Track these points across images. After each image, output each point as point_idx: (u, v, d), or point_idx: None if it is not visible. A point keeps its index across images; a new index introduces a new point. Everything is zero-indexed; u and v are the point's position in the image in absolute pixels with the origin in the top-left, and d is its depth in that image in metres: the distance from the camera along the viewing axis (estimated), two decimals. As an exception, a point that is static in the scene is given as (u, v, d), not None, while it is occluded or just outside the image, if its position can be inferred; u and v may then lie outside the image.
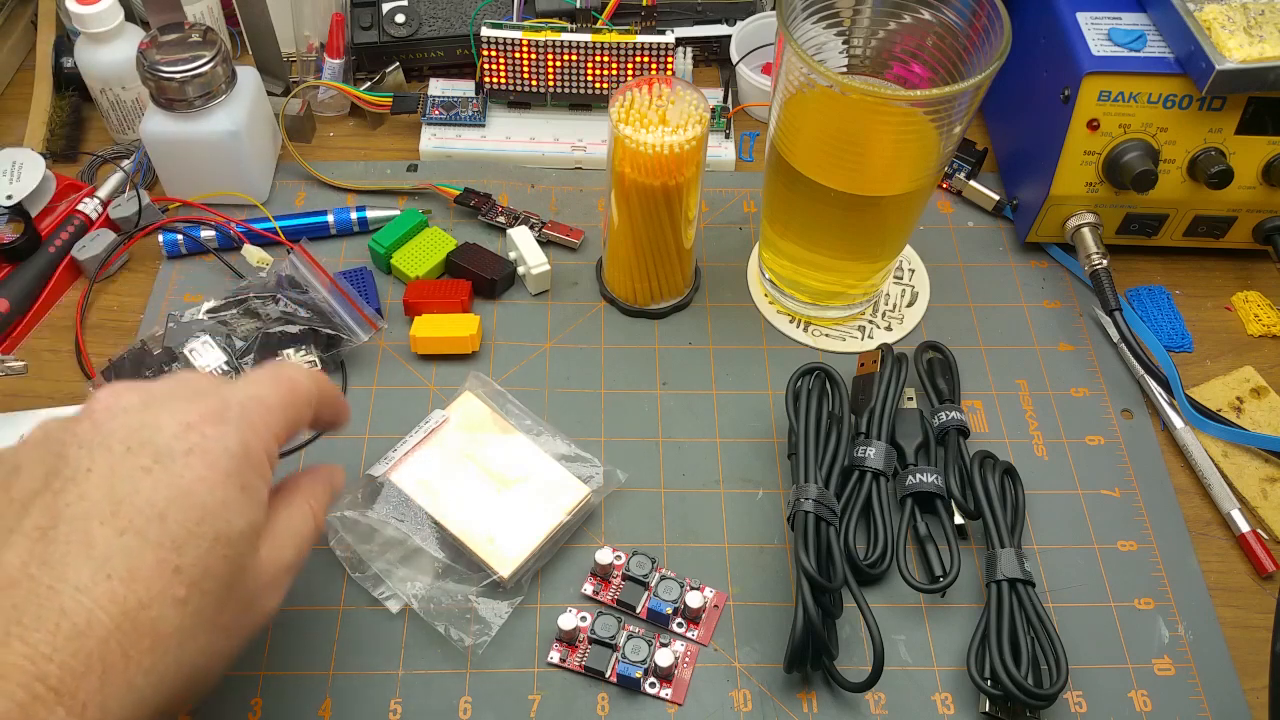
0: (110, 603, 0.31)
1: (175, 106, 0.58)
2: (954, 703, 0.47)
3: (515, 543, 0.49)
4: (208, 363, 0.54)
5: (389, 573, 0.49)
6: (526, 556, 0.49)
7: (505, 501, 0.50)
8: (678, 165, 0.51)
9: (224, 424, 0.35)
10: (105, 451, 0.33)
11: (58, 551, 0.31)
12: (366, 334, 0.56)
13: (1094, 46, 0.56)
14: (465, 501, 0.50)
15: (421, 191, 0.65)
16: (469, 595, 0.48)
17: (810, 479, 0.49)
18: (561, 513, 0.50)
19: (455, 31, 0.70)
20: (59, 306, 0.60)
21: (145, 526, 0.32)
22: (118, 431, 0.34)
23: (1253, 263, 0.64)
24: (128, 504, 0.32)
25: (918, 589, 0.49)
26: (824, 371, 0.53)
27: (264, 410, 0.37)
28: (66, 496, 0.32)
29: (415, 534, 0.49)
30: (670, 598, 0.48)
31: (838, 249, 0.56)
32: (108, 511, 0.32)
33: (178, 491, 0.33)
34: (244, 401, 0.36)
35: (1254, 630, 0.50)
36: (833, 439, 0.51)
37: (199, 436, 0.34)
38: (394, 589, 0.49)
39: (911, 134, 0.48)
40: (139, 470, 0.33)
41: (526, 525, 0.49)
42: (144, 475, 0.33)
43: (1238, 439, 0.55)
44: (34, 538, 0.31)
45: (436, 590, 0.48)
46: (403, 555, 0.49)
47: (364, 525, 0.50)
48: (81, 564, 0.31)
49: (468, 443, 0.52)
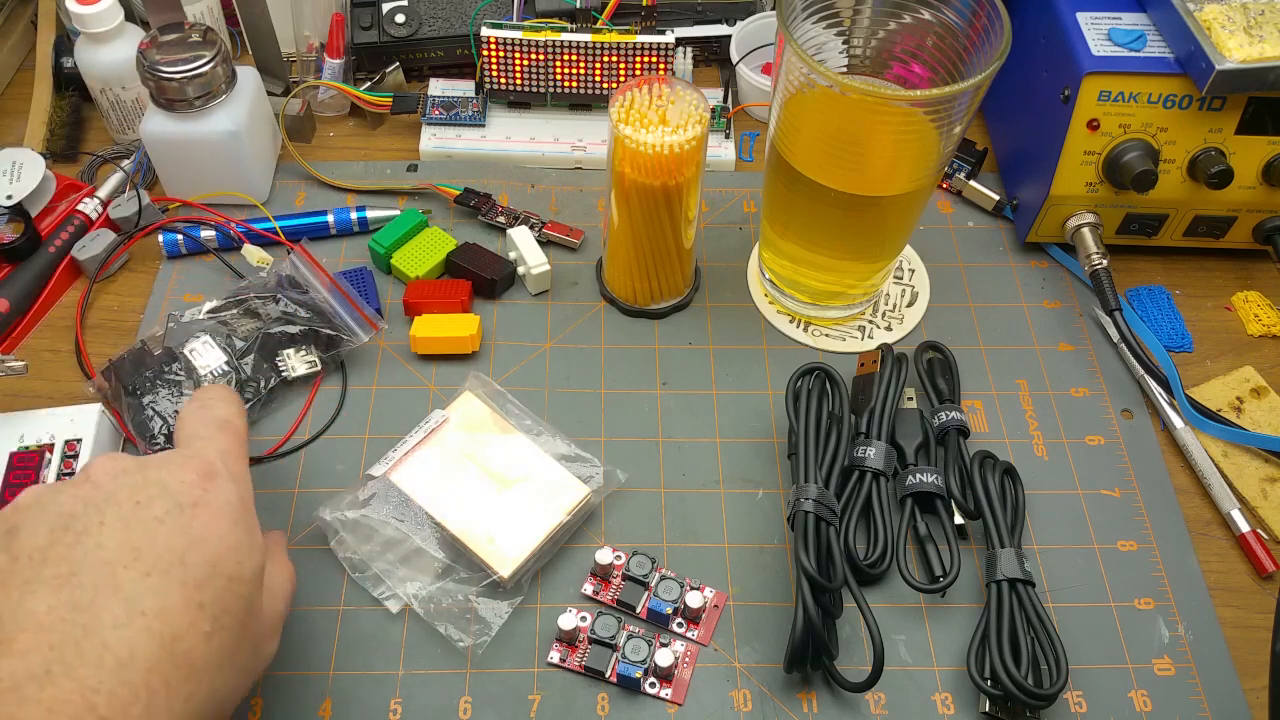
0: (148, 636, 0.33)
1: (175, 106, 0.58)
2: (954, 703, 0.47)
3: (515, 543, 0.49)
4: (208, 363, 0.54)
5: (389, 573, 0.49)
6: (526, 556, 0.48)
7: (505, 501, 0.50)
8: (678, 165, 0.51)
9: (218, 478, 0.38)
10: (115, 506, 0.35)
11: (85, 596, 0.33)
12: (367, 334, 0.56)
13: (1094, 46, 0.56)
14: (465, 502, 0.50)
15: (421, 191, 0.65)
16: (469, 595, 0.48)
17: (810, 479, 0.49)
18: (561, 513, 0.50)
19: (455, 31, 0.70)
20: (59, 306, 0.60)
21: (168, 569, 0.34)
22: (123, 489, 0.36)
23: (1253, 263, 0.64)
24: (147, 550, 0.34)
25: (918, 589, 0.49)
26: (824, 371, 0.52)
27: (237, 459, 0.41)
28: (82, 547, 0.34)
29: (415, 534, 0.49)
30: (670, 598, 0.48)
31: (838, 249, 0.56)
32: (129, 557, 0.34)
33: (192, 538, 0.35)
34: (223, 456, 0.40)
35: (1254, 630, 0.50)
36: (833, 439, 0.51)
37: (201, 491, 0.37)
38: (394, 589, 0.49)
39: (911, 134, 0.48)
40: (153, 520, 0.35)
41: (526, 525, 0.49)
42: (158, 525, 0.35)
43: (1238, 439, 0.55)
44: (56, 585, 0.33)
45: (436, 590, 0.48)
46: (403, 555, 0.49)
47: (364, 526, 0.50)
48: (113, 604, 0.33)
49: (468, 443, 0.52)
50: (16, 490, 0.48)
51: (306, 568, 0.49)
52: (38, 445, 0.50)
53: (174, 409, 0.52)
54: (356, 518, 0.50)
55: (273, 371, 0.55)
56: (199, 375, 0.53)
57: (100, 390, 0.54)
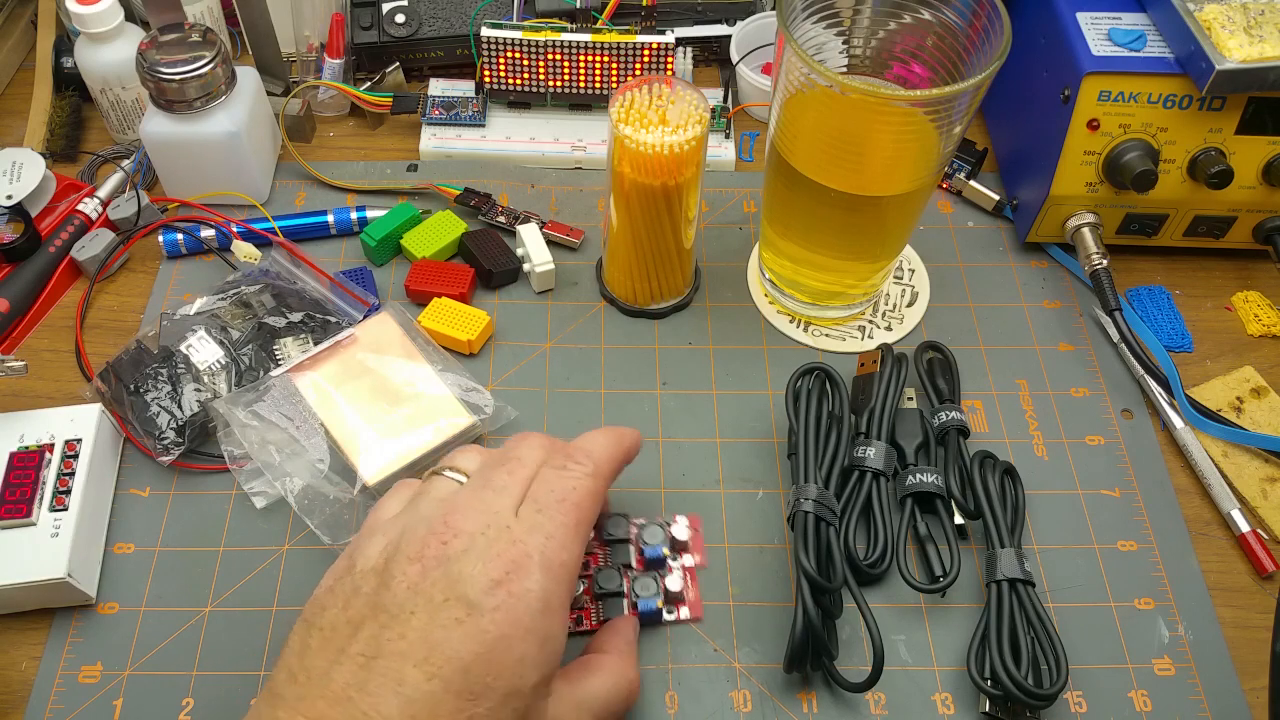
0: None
1: (175, 107, 0.58)
2: (954, 703, 0.47)
3: (387, 454, 0.51)
4: (205, 357, 0.54)
5: (269, 466, 0.51)
6: (396, 469, 0.51)
7: (391, 417, 0.53)
8: (678, 165, 0.51)
9: (527, 578, 0.38)
10: (427, 600, 0.37)
11: (374, 681, 0.35)
12: (360, 314, 0.57)
13: (1094, 46, 0.56)
14: (352, 411, 0.53)
15: (422, 191, 0.65)
16: (338, 497, 0.50)
17: (810, 479, 0.49)
18: (441, 435, 0.52)
19: (455, 31, 0.70)
20: (59, 306, 0.60)
21: (451, 676, 0.35)
22: (439, 582, 0.37)
23: (1253, 263, 0.64)
24: (438, 652, 0.36)
25: (918, 589, 0.49)
26: (824, 371, 0.52)
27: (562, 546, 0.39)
28: (390, 633, 0.36)
29: (300, 434, 0.52)
30: (658, 540, 0.50)
31: (838, 249, 0.56)
32: (421, 655, 0.36)
33: (483, 646, 0.36)
34: (544, 549, 0.39)
35: (1254, 630, 0.50)
36: (832, 439, 0.51)
37: (505, 594, 0.37)
38: (272, 483, 0.51)
39: (911, 134, 0.48)
40: (452, 621, 0.36)
41: (403, 441, 0.52)
42: (456, 626, 0.36)
43: (1238, 439, 0.55)
44: (359, 664, 0.36)
45: (309, 488, 0.51)
46: (286, 454, 0.51)
47: (253, 420, 0.52)
48: (391, 698, 0.35)
49: (371, 360, 0.55)
50: (16, 490, 0.48)
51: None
52: (38, 445, 0.50)
53: (178, 403, 0.53)
54: (247, 413, 0.52)
55: (271, 361, 0.55)
56: (198, 370, 0.54)
57: (99, 392, 0.54)
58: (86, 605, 0.49)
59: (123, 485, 0.53)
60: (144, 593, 0.49)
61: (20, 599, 0.48)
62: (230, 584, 0.49)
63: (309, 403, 0.53)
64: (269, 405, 0.52)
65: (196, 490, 0.52)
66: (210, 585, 0.49)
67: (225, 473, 0.53)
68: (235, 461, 0.52)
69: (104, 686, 0.46)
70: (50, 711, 0.46)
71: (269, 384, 0.53)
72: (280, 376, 0.53)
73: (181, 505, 0.52)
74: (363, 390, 0.54)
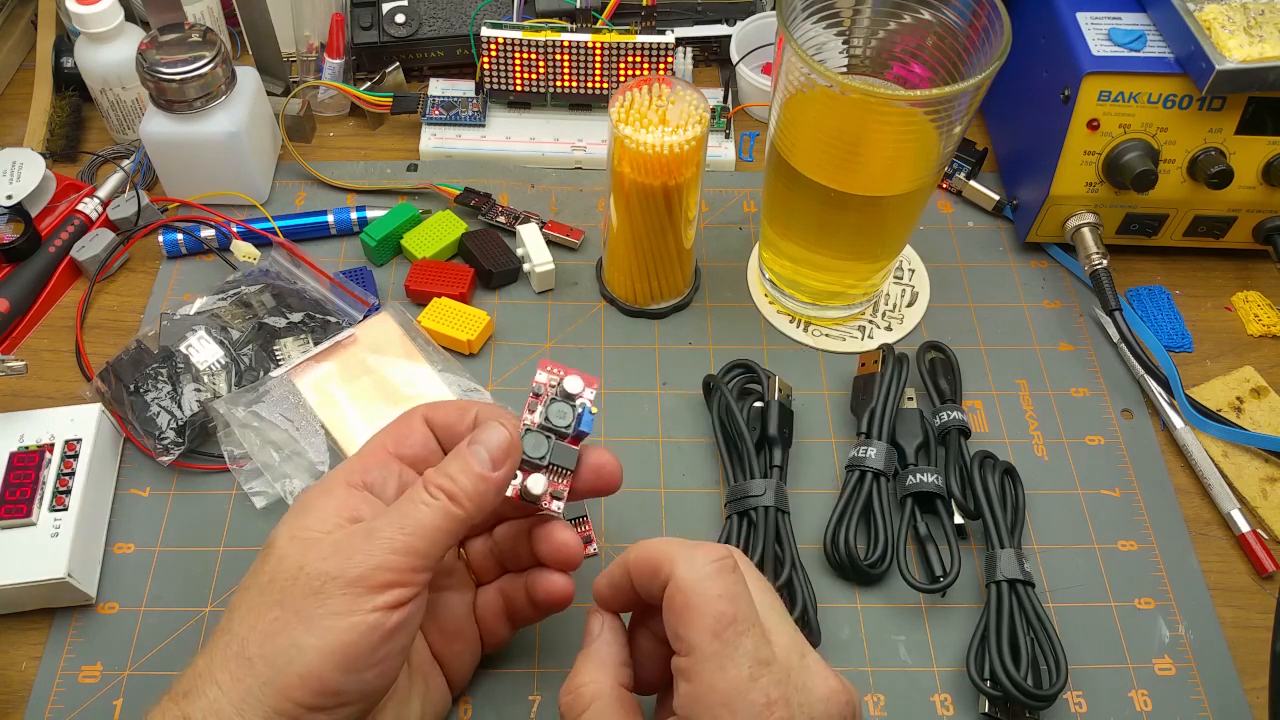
0: None
1: (175, 108, 0.58)
2: (953, 703, 0.47)
3: None
4: (205, 357, 0.54)
5: (269, 467, 0.51)
6: None
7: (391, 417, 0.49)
8: (678, 165, 0.51)
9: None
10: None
11: None
12: (360, 314, 0.57)
13: (1094, 46, 0.56)
14: (354, 412, 0.53)
15: (422, 191, 0.65)
16: None
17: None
18: None
19: (455, 31, 0.70)
20: (59, 306, 0.60)
21: None
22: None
23: (1253, 263, 0.64)
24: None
25: (918, 589, 0.49)
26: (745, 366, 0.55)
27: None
28: None
29: (301, 436, 0.51)
30: (566, 422, 0.42)
31: (838, 249, 0.56)
32: None
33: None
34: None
35: (1254, 630, 0.50)
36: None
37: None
38: (271, 484, 0.50)
39: (911, 134, 0.48)
40: None
41: None
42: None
43: (1238, 439, 0.55)
44: None
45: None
46: (286, 455, 0.51)
47: (254, 421, 0.52)
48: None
49: (372, 359, 0.55)
50: (16, 490, 0.48)
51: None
52: (38, 445, 0.50)
53: (178, 403, 0.53)
54: (247, 413, 0.52)
55: (271, 361, 0.55)
56: (198, 370, 0.54)
57: (99, 392, 0.54)
58: (86, 605, 0.49)
59: (123, 485, 0.53)
60: (144, 593, 0.49)
61: (20, 599, 0.48)
62: (230, 584, 0.49)
63: (309, 403, 0.53)
64: (269, 405, 0.52)
65: (196, 490, 0.53)
66: (210, 585, 0.49)
67: (225, 473, 0.53)
68: (235, 461, 0.52)
69: (104, 686, 0.46)
70: (50, 711, 0.46)
71: (269, 384, 0.53)
72: (280, 376, 0.53)
73: (181, 505, 0.52)
74: (363, 390, 0.54)
